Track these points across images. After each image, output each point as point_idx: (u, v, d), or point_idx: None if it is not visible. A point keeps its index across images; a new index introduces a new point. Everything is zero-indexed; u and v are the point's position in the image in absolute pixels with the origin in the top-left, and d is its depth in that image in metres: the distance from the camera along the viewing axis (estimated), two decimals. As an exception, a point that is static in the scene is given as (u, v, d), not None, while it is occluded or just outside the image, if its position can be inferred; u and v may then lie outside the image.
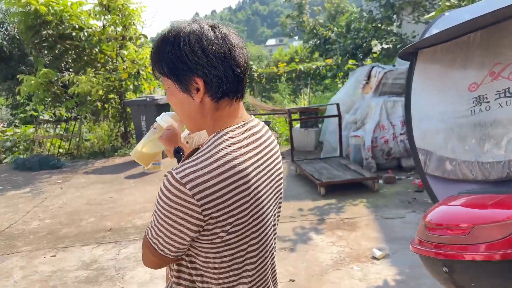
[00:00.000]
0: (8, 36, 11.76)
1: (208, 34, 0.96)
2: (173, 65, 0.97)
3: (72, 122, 10.16)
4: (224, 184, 0.93)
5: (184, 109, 1.04)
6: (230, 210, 0.94)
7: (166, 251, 0.99)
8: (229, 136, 0.99)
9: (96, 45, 9.13)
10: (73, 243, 4.21)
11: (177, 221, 0.93)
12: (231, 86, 0.99)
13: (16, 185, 6.82)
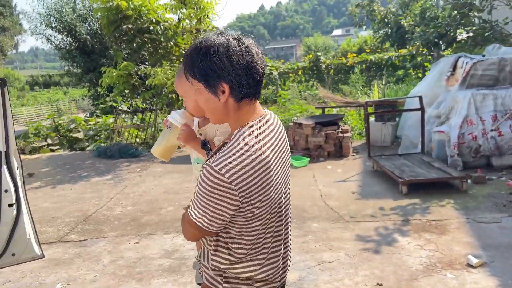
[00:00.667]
0: (91, 31, 12.50)
1: (234, 47, 1.15)
2: (204, 72, 1.17)
3: (148, 113, 10.60)
4: (253, 170, 1.15)
5: (209, 107, 1.24)
6: (259, 190, 1.17)
7: (210, 227, 1.20)
8: (251, 130, 1.20)
9: (172, 38, 9.39)
10: (155, 231, 4.35)
11: (219, 203, 1.15)
12: (251, 90, 1.20)
13: (99, 172, 7.23)
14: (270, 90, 15.31)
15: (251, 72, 1.18)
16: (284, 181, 1.33)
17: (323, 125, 7.13)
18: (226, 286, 1.32)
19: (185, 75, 1.25)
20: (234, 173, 1.12)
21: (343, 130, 7.21)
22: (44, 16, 13.67)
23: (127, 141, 9.78)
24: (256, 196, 1.18)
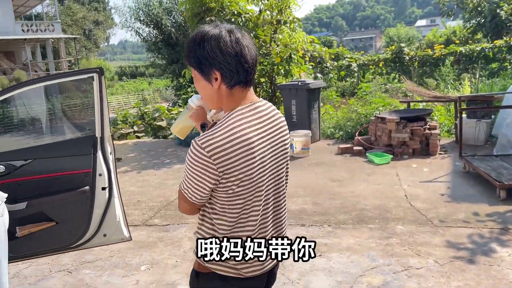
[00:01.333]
0: (175, 23, 13.01)
1: (225, 38, 1.27)
2: (199, 60, 1.30)
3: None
4: (232, 149, 1.25)
5: (206, 92, 1.37)
6: (238, 169, 1.27)
7: (193, 198, 1.33)
8: (238, 113, 1.31)
9: (252, 30, 9.42)
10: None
11: (200, 175, 1.27)
12: (241, 77, 1.30)
13: (181, 159, 7.50)
14: (348, 83, 14.84)
15: (240, 61, 1.29)
16: (276, 168, 1.40)
17: (409, 120, 6.70)
18: (208, 261, 1.38)
19: (185, 63, 1.40)
20: (213, 148, 1.24)
21: (431, 127, 6.72)
22: (134, 10, 14.56)
23: (206, 131, 10.05)
24: (236, 174, 1.28)
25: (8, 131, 5.64)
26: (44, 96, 3.41)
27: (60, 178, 2.87)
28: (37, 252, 2.96)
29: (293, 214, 4.45)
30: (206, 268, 1.41)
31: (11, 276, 3.46)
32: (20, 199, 2.80)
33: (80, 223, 2.90)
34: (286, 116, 8.33)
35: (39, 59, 31.24)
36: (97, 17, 41.48)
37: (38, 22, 29.01)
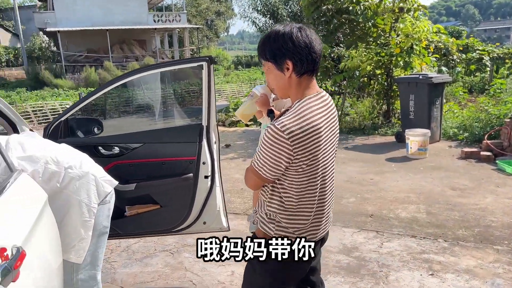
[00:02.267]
0: (291, 13, 12.93)
1: (296, 33, 1.53)
2: (273, 52, 1.54)
3: (337, 96, 10.41)
4: (306, 133, 1.49)
5: (278, 82, 1.59)
6: (309, 150, 1.51)
7: (268, 175, 1.55)
8: (308, 101, 1.54)
9: (370, 19, 8.87)
10: (334, 222, 4.13)
11: (277, 155, 1.49)
12: (310, 66, 1.54)
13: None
14: (477, 78, 13.23)
15: (310, 51, 1.51)
16: (331, 153, 1.64)
17: (554, 125, 5.65)
18: (276, 232, 1.65)
19: (259, 59, 1.63)
20: (291, 131, 1.46)
21: None
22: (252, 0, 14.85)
23: (314, 123, 9.83)
24: (307, 155, 1.50)
25: (125, 114, 6.22)
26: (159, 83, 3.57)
27: (166, 163, 2.94)
28: (141, 232, 3.10)
29: (403, 222, 4.04)
30: (271, 237, 1.65)
31: (122, 249, 3.72)
32: (130, 180, 2.94)
33: (182, 209, 2.95)
34: (402, 113, 7.68)
35: (166, 47, 34.03)
36: (219, 8, 43.62)
37: (167, 13, 31.50)
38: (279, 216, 1.62)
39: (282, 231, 1.63)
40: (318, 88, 1.61)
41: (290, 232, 1.63)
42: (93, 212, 2.25)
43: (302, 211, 1.62)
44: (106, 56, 26.98)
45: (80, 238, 2.22)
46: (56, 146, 2.35)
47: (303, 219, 1.63)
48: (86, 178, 2.23)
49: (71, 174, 2.20)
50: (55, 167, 2.18)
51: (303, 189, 1.58)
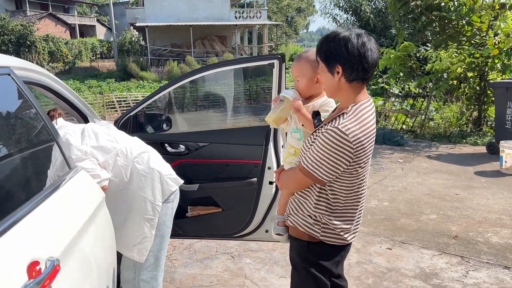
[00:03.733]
0: (375, 9, 12.27)
1: (353, 40, 1.51)
2: (326, 54, 1.57)
3: (420, 99, 9.67)
4: (366, 136, 1.53)
5: (327, 83, 1.62)
6: (366, 153, 1.57)
7: (323, 177, 1.57)
8: (364, 106, 1.57)
9: (465, 16, 8.04)
10: (411, 240, 3.73)
11: (337, 158, 1.51)
12: (360, 75, 1.54)
13: (384, 157, 6.98)
14: None
15: (361, 61, 1.51)
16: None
17: None
18: (323, 235, 1.68)
19: (316, 57, 1.64)
20: (355, 135, 1.49)
21: None
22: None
23: (393, 127, 9.22)
24: (363, 158, 1.55)
25: (196, 110, 6.22)
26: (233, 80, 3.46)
27: (231, 165, 2.80)
28: (201, 235, 3.00)
29: (493, 249, 3.52)
30: (316, 239, 1.69)
31: (184, 247, 3.67)
32: (194, 180, 2.85)
33: (244, 214, 2.79)
34: (497, 121, 6.86)
35: (245, 43, 34.50)
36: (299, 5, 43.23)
37: (248, 9, 31.86)
38: (326, 218, 1.65)
39: (329, 232, 1.68)
40: (367, 94, 1.64)
41: (337, 233, 1.68)
42: (157, 211, 2.19)
43: (348, 212, 1.68)
44: (188, 51, 28.00)
45: (143, 236, 2.18)
46: (128, 139, 2.33)
47: (349, 220, 1.69)
48: (151, 175, 2.19)
49: (138, 169, 2.16)
50: (123, 160, 2.16)
51: (352, 191, 1.63)
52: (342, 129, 1.48)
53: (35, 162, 1.60)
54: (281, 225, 1.94)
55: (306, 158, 1.59)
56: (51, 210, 1.35)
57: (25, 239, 1.10)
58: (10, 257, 1.00)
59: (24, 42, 28.52)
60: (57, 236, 1.27)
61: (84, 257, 1.46)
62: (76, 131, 2.14)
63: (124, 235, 2.18)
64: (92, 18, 44.96)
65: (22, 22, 29.75)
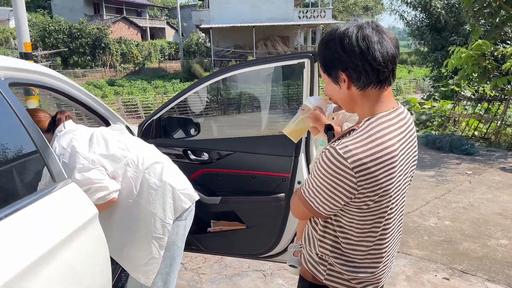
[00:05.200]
0: (447, 5, 11.30)
1: (350, 35, 1.13)
2: (325, 62, 1.21)
3: (496, 103, 8.69)
4: (377, 162, 1.11)
5: (336, 95, 1.25)
6: (379, 184, 1.13)
7: (320, 209, 1.21)
8: (381, 120, 1.16)
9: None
10: (475, 270, 3.19)
11: (335, 187, 1.15)
12: (371, 77, 1.14)
13: (422, 164, 6.37)
14: None
15: (367, 58, 1.13)
16: (405, 184, 1.26)
17: None
18: (327, 278, 1.32)
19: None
20: (357, 159, 1.11)
21: None
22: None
23: (463, 133, 8.35)
24: (375, 190, 1.14)
25: (222, 114, 5.88)
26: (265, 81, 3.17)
27: (256, 177, 2.51)
28: (224, 253, 2.74)
29: None
30: (320, 282, 1.34)
31: (215, 260, 3.44)
32: (217, 191, 2.59)
33: (271, 234, 2.49)
34: None
35: (309, 43, 33.96)
36: (367, 3, 41.75)
37: (313, 9, 31.27)
38: (332, 259, 1.30)
39: (335, 276, 1.31)
40: (394, 101, 1.24)
41: (346, 279, 1.30)
42: (167, 229, 1.96)
43: (365, 259, 1.29)
44: (250, 52, 28.11)
45: (150, 257, 1.96)
46: (141, 147, 2.11)
47: (365, 268, 1.29)
48: (163, 189, 1.96)
49: (148, 182, 1.95)
50: (134, 171, 1.95)
51: (367, 230, 1.24)
52: (340, 150, 1.12)
53: (8, 175, 1.42)
54: (297, 255, 1.57)
55: (306, 182, 1.26)
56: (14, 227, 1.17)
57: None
58: None
59: (99, 44, 30.33)
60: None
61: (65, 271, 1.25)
62: (84, 137, 1.96)
63: (131, 254, 1.98)
64: (162, 20, 46.80)
65: (98, 25, 31.68)
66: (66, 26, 29.19)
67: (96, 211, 1.65)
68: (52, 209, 1.43)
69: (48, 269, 1.27)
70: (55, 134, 1.92)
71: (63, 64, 29.42)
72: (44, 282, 1.25)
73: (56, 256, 1.32)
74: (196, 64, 27.42)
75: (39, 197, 1.41)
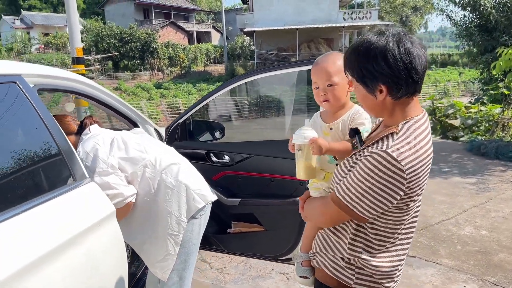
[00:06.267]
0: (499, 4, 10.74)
1: (393, 50, 1.16)
2: (362, 74, 1.22)
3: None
4: (422, 163, 1.18)
5: (366, 103, 1.29)
6: (420, 184, 1.21)
7: (365, 213, 1.22)
8: (419, 124, 1.23)
9: None
10: (508, 283, 3.04)
11: (384, 190, 1.17)
12: (410, 89, 1.20)
13: (463, 171, 6.12)
14: None
15: (409, 73, 1.18)
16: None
17: None
18: (357, 282, 1.33)
19: (345, 73, 1.31)
20: (409, 162, 1.15)
21: None
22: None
23: (511, 139, 7.91)
24: (416, 190, 1.20)
25: (240, 119, 5.89)
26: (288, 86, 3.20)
27: (275, 180, 2.55)
28: (244, 254, 2.79)
29: None
30: (348, 286, 1.35)
31: (241, 260, 3.51)
32: (238, 193, 2.67)
33: (289, 236, 2.52)
34: None
35: (354, 45, 33.34)
36: (416, 3, 40.42)
37: (358, 10, 30.74)
38: (361, 262, 1.31)
39: (365, 280, 1.33)
40: (420, 107, 1.30)
41: (375, 280, 1.33)
42: (182, 227, 2.07)
43: (395, 255, 1.33)
44: (293, 55, 28.08)
45: (167, 253, 2.07)
46: (159, 149, 2.23)
47: (394, 265, 1.34)
48: (178, 188, 2.07)
49: (165, 182, 2.06)
50: (152, 172, 2.07)
51: (398, 229, 1.29)
52: (393, 153, 1.16)
53: (30, 173, 1.56)
54: (306, 265, 1.57)
55: (343, 188, 1.25)
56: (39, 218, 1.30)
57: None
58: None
59: (148, 48, 31.46)
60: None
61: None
62: (106, 141, 2.10)
63: (149, 250, 2.10)
64: (208, 25, 47.83)
65: (147, 30, 32.89)
66: (117, 31, 30.53)
67: (113, 210, 1.77)
68: (70, 205, 1.56)
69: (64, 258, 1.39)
70: (81, 137, 2.07)
71: (114, 68, 30.80)
72: (63, 268, 1.37)
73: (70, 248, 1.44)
74: (239, 67, 27.78)
75: (59, 194, 1.54)
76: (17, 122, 1.57)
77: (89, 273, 1.54)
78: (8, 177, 1.46)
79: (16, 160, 1.51)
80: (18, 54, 33.04)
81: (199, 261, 3.50)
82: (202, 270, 3.38)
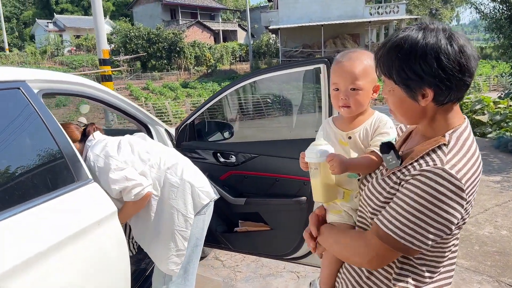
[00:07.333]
0: (529, -6, 10.27)
1: (446, 49, 0.98)
2: (406, 75, 1.02)
3: None
4: (477, 178, 1.02)
5: (402, 108, 1.08)
6: (472, 202, 1.04)
7: (422, 246, 1.01)
8: (467, 133, 1.06)
9: None
10: (525, 286, 2.95)
11: (444, 215, 0.97)
12: (459, 94, 1.03)
13: (488, 168, 5.93)
14: None
15: (464, 76, 1.00)
16: None
17: None
18: None
19: (377, 73, 1.12)
20: (468, 179, 0.99)
21: None
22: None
23: (544, 135, 7.59)
24: (470, 210, 1.05)
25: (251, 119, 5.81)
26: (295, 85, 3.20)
27: (280, 180, 2.57)
28: (252, 253, 2.83)
29: None
30: None
31: (253, 259, 3.54)
32: (244, 193, 2.70)
33: (294, 236, 2.54)
34: None
35: (381, 40, 32.73)
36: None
37: (385, 4, 30.11)
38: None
39: None
40: (460, 112, 1.12)
41: None
42: (189, 223, 2.17)
43: (442, 285, 1.14)
44: (319, 51, 27.85)
45: (176, 249, 2.16)
46: (162, 150, 2.32)
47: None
48: (183, 187, 2.16)
49: (170, 181, 2.15)
50: (156, 172, 2.16)
51: (447, 257, 1.12)
52: (451, 170, 0.97)
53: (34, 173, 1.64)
54: None
55: (390, 219, 1.03)
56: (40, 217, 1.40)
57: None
58: None
59: (175, 48, 31.95)
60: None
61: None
62: (113, 144, 2.19)
63: (157, 247, 2.17)
64: (234, 23, 48.06)
65: (174, 30, 33.39)
66: (145, 32, 31.15)
67: (114, 209, 1.84)
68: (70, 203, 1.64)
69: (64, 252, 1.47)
70: (86, 144, 2.16)
71: (142, 68, 31.46)
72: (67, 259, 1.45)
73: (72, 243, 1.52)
74: (264, 65, 27.80)
75: (60, 194, 1.62)
76: (21, 127, 1.66)
77: (94, 269, 1.62)
78: (14, 179, 1.55)
79: (20, 163, 1.60)
80: (51, 57, 34.27)
81: (212, 258, 3.56)
82: (215, 268, 3.44)
